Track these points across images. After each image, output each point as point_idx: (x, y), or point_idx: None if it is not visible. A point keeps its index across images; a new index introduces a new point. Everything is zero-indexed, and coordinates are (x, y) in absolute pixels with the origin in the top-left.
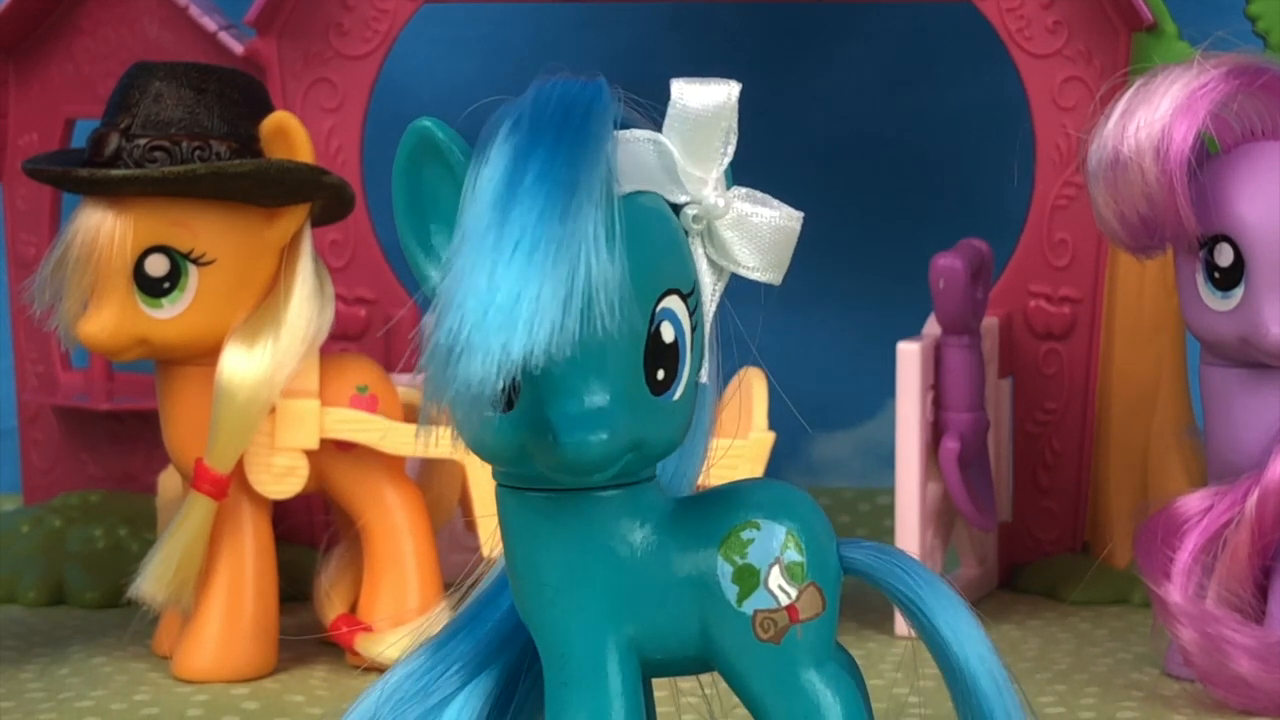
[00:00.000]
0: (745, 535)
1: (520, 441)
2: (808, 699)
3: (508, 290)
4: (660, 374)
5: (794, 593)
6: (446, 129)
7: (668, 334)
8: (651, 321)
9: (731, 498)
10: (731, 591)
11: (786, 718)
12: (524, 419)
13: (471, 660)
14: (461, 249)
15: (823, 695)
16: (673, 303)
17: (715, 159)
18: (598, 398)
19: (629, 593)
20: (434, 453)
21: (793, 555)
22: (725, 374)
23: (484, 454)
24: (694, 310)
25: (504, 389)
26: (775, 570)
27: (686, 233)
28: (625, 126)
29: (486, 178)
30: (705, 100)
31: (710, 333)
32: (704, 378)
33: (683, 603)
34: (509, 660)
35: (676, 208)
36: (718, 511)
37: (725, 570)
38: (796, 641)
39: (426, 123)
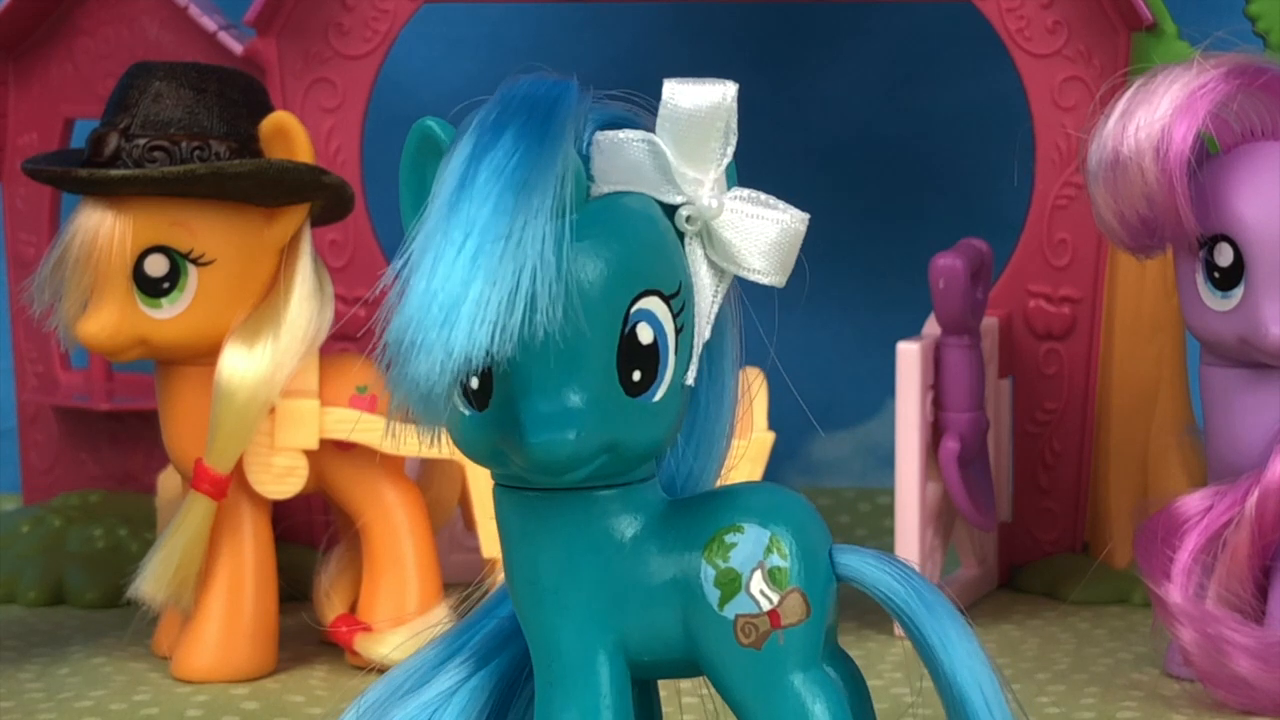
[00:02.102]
0: (729, 539)
1: (493, 440)
2: (790, 705)
3: (450, 289)
4: (636, 375)
5: (776, 598)
6: (448, 128)
7: (645, 335)
8: (625, 322)
9: (723, 501)
10: (713, 595)
11: None
12: (496, 418)
13: (474, 657)
14: (414, 245)
15: (805, 701)
16: (651, 303)
17: (713, 160)
18: (566, 397)
19: (618, 594)
20: (434, 453)
21: (776, 560)
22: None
23: (463, 452)
24: (679, 311)
25: (475, 388)
26: (757, 575)
27: (681, 234)
28: (624, 125)
29: (445, 175)
30: (698, 100)
31: (735, 333)
32: (690, 379)
33: (668, 605)
34: (510, 660)
35: (673, 209)
36: (706, 514)
37: (708, 574)
38: (778, 647)
39: (429, 122)
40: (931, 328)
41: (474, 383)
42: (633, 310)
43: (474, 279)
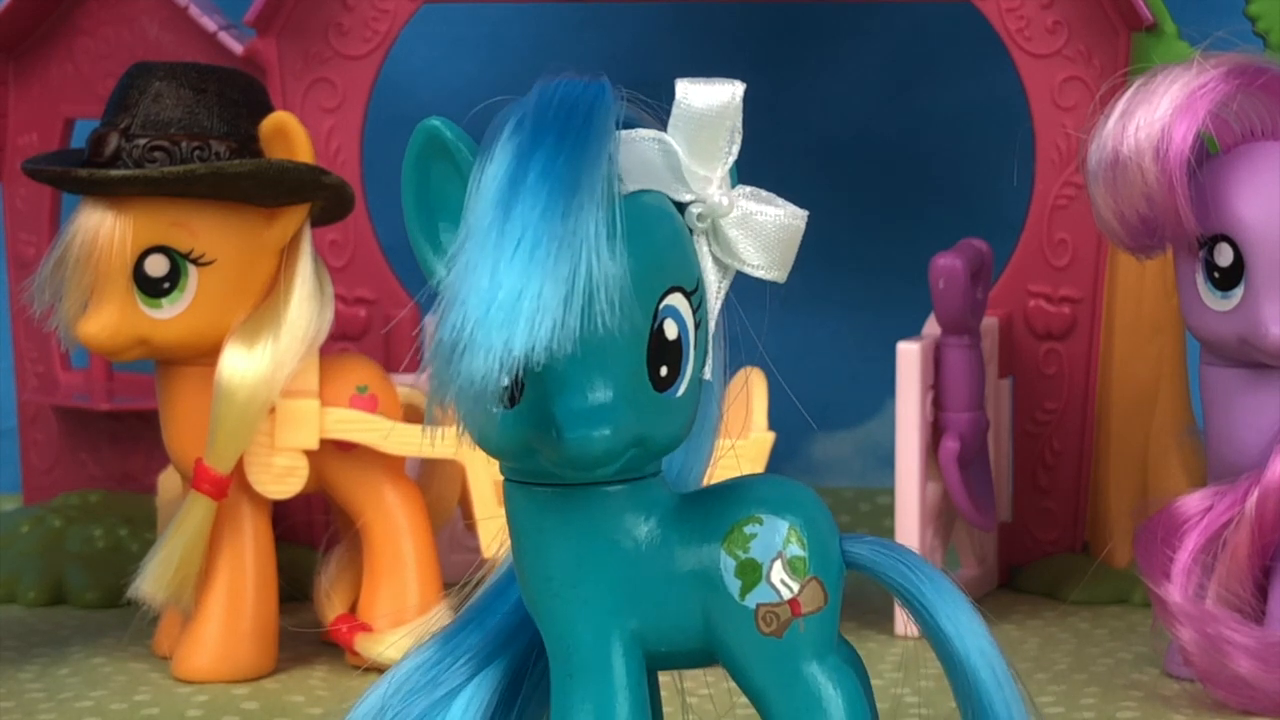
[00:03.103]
0: (748, 530)
1: (525, 437)
2: (809, 691)
3: (510, 288)
4: (663, 371)
5: (796, 587)
6: (454, 128)
7: (671, 331)
8: (655, 319)
9: (736, 493)
10: (734, 585)
11: (789, 710)
12: (528, 415)
13: (479, 653)
14: (465, 246)
15: (824, 688)
16: (676, 300)
17: (720, 158)
18: (601, 394)
19: (634, 586)
20: (434, 452)
21: (795, 550)
22: (727, 373)
23: (490, 449)
24: (697, 307)
25: (508, 385)
26: (777, 564)
27: (691, 231)
28: (630, 126)
29: (490, 176)
30: (710, 100)
31: (719, 330)
32: (708, 374)
33: (686, 596)
34: (516, 653)
35: (681, 206)
36: (722, 506)
37: (728, 564)
38: (798, 635)
39: (435, 122)
40: (931, 328)
41: (505, 379)
42: (660, 306)
43: (532, 277)
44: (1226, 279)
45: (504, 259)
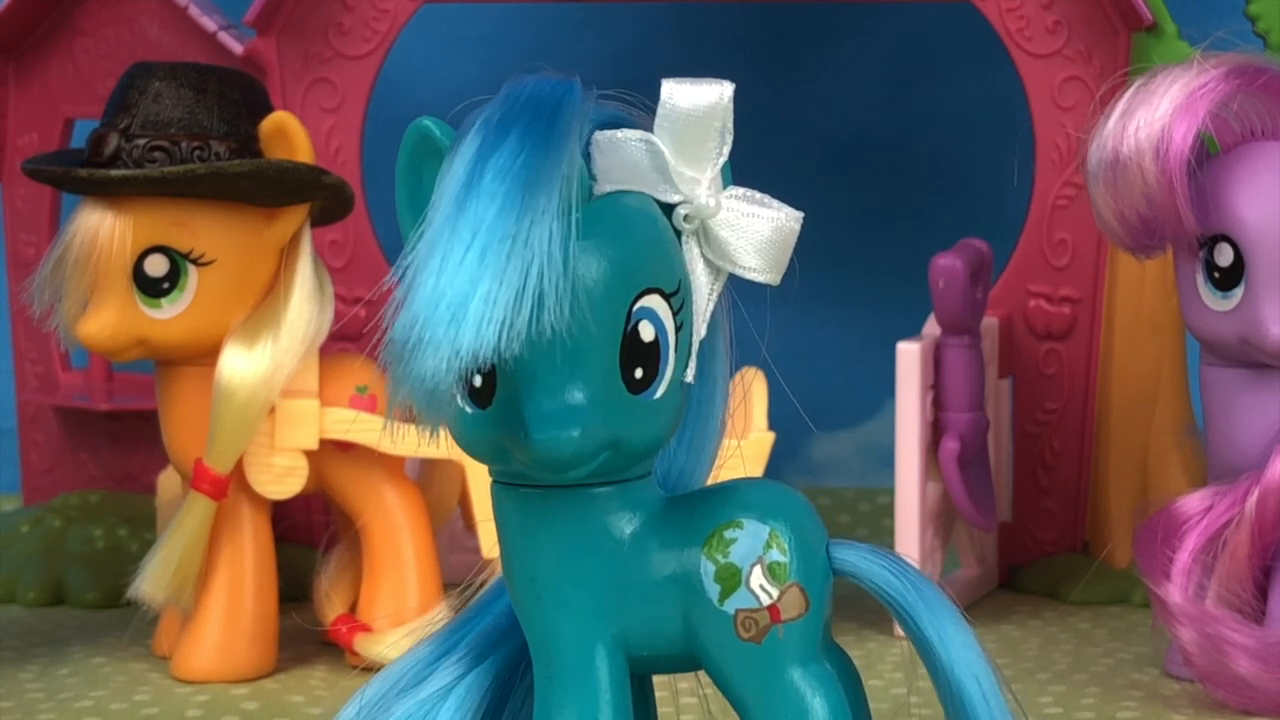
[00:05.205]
0: (729, 534)
1: (496, 438)
2: (789, 699)
3: (458, 287)
4: (638, 373)
5: (776, 593)
6: (445, 128)
7: (646, 333)
8: (628, 320)
9: (722, 497)
10: (713, 590)
11: (769, 717)
12: (500, 416)
13: (470, 653)
14: (420, 244)
15: (805, 695)
16: (653, 302)
17: (709, 159)
18: (570, 395)
19: (617, 589)
20: (434, 453)
21: (775, 555)
22: (731, 374)
23: (466, 450)
24: (679, 309)
25: (479, 386)
26: (757, 570)
27: (679, 232)
28: (622, 125)
29: (451, 174)
30: (695, 100)
31: (727, 333)
32: (690, 376)
33: (668, 600)
34: (508, 654)
35: (670, 207)
36: (706, 510)
37: (708, 569)
38: (778, 641)
39: (426, 122)
40: (931, 328)
41: (477, 380)
42: (635, 308)
43: (481, 277)
44: (1226, 279)
45: (454, 258)
